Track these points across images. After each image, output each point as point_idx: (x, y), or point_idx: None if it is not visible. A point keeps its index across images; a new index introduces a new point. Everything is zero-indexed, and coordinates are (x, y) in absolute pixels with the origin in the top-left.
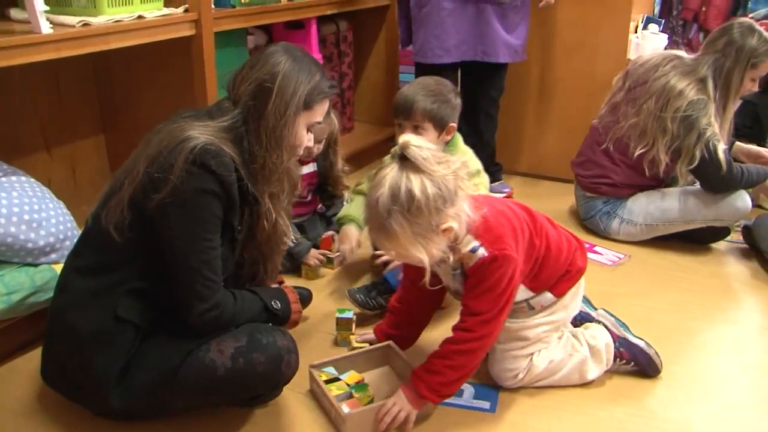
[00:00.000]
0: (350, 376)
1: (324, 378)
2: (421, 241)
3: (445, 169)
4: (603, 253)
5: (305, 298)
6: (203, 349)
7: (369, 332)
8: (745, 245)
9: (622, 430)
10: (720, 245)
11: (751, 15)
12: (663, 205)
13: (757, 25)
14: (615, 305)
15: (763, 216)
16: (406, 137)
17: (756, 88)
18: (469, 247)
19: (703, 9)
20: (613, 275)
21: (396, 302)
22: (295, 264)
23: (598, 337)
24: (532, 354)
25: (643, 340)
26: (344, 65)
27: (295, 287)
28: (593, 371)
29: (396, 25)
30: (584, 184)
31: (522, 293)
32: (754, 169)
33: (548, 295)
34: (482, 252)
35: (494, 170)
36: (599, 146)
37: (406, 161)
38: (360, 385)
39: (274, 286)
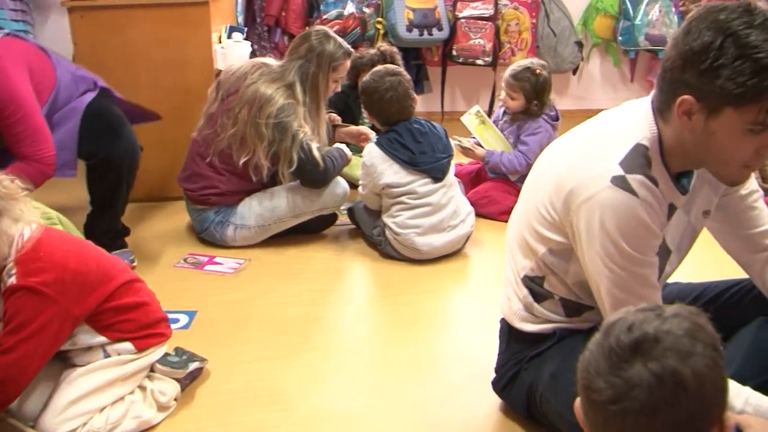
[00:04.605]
0: None
1: None
2: None
3: None
4: (223, 263)
5: None
6: None
7: None
8: (352, 225)
9: (268, 429)
10: (332, 230)
11: (324, 16)
12: (271, 205)
13: (331, 32)
14: (241, 310)
15: (358, 200)
16: None
17: (339, 88)
18: (9, 271)
19: (283, 14)
20: (236, 282)
21: None
22: None
23: (168, 392)
24: (97, 409)
25: (196, 360)
26: None
27: None
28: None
29: None
30: (193, 198)
31: (90, 337)
32: (335, 151)
33: (128, 346)
34: (12, 280)
35: None
36: (202, 159)
37: None
38: None
39: None
